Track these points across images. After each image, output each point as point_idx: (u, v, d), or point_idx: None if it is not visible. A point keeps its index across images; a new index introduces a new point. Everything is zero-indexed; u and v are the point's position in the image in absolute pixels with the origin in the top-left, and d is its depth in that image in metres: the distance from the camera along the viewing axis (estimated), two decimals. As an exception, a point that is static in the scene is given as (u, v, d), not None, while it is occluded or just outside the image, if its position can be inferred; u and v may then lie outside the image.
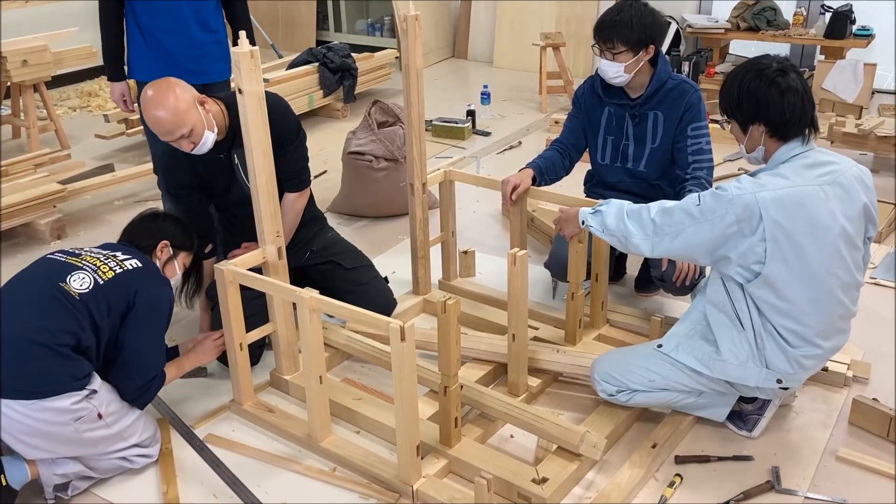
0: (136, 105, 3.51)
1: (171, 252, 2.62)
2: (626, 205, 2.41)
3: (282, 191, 2.87)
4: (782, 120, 2.23)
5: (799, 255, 2.19)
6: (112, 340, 2.35)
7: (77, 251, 2.46)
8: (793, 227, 2.17)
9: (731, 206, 2.18)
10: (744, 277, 2.25)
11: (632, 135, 3.03)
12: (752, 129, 2.28)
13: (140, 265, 2.45)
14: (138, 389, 2.38)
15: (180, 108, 2.61)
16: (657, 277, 3.08)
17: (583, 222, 2.52)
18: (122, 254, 2.47)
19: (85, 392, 2.24)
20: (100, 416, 2.28)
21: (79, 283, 2.32)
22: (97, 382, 2.29)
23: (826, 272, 2.23)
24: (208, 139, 2.71)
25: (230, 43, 3.44)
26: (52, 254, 2.47)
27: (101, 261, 2.41)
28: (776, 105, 2.21)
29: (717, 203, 2.20)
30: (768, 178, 2.23)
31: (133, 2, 3.37)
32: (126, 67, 3.55)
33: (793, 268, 2.20)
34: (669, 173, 3.04)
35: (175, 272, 2.63)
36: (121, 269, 2.40)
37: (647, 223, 2.33)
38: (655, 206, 2.34)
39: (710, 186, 2.95)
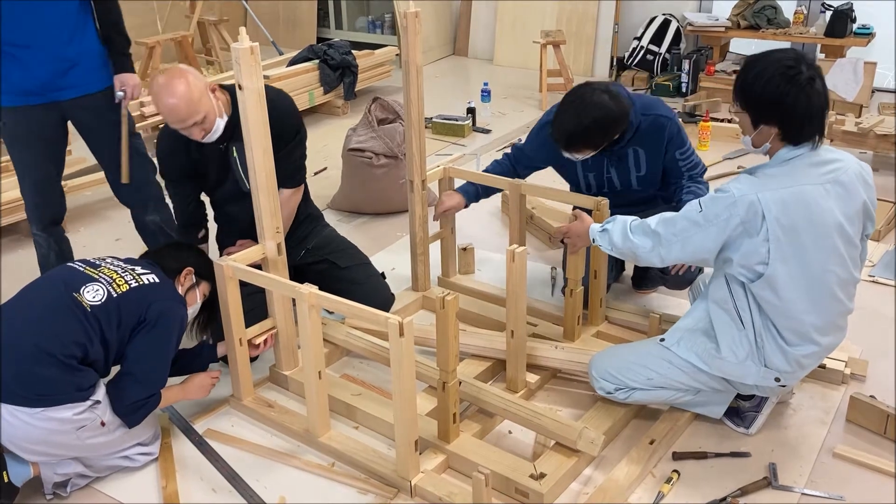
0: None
1: (195, 280, 2.61)
2: (630, 221, 2.42)
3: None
4: (799, 128, 2.20)
5: (798, 253, 2.19)
6: (121, 354, 2.34)
7: (98, 262, 2.47)
8: (794, 225, 2.17)
9: (734, 208, 2.17)
10: (746, 277, 2.24)
11: (614, 171, 2.97)
12: (763, 127, 2.24)
13: (157, 281, 2.43)
14: (133, 405, 2.32)
15: (194, 96, 2.60)
16: (659, 270, 3.09)
17: (593, 240, 2.54)
18: (142, 268, 2.46)
19: (88, 403, 2.24)
20: (102, 423, 2.28)
21: (92, 294, 2.31)
22: (101, 392, 2.29)
23: (824, 270, 2.23)
24: (219, 126, 2.73)
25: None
26: (73, 262, 2.47)
27: (118, 273, 2.40)
28: (799, 114, 2.17)
29: (720, 206, 2.20)
30: (769, 176, 2.22)
31: None
32: None
33: (792, 266, 2.20)
34: (665, 182, 3.03)
35: (195, 300, 2.61)
36: (136, 283, 2.38)
37: (652, 235, 2.34)
38: (656, 219, 2.35)
39: (707, 185, 2.96)
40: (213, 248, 3.17)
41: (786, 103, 2.17)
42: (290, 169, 2.92)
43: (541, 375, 2.78)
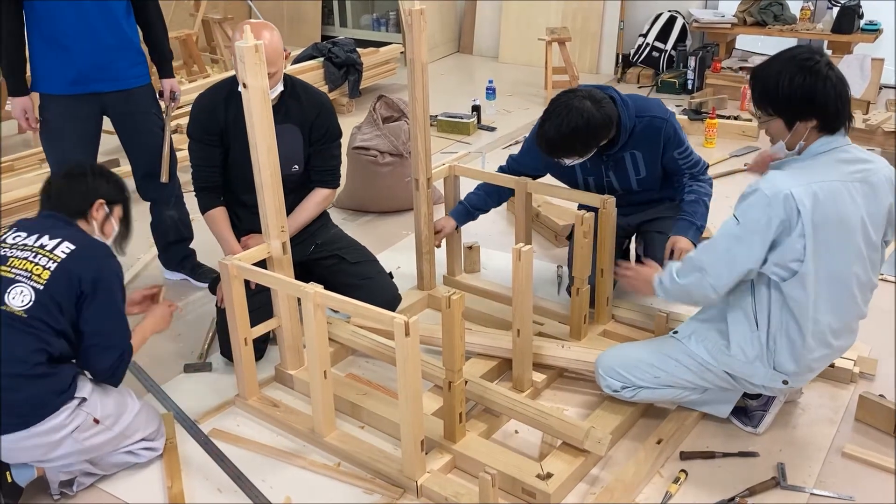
0: (38, 122, 3.18)
1: (107, 210, 2.45)
2: (674, 265, 2.36)
3: (304, 185, 3.05)
4: (836, 114, 2.16)
5: (825, 250, 2.15)
6: (78, 328, 2.26)
7: (3, 253, 2.26)
8: (824, 221, 2.13)
9: (771, 208, 2.11)
10: (780, 276, 2.19)
11: (613, 175, 2.96)
12: (799, 125, 2.18)
13: (73, 247, 2.25)
14: (109, 369, 2.29)
15: (276, 46, 2.77)
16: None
17: (656, 293, 2.46)
18: (50, 238, 2.26)
19: (74, 402, 2.22)
20: (96, 420, 2.27)
21: (19, 300, 2.17)
22: (87, 389, 2.26)
23: (848, 270, 2.20)
24: (276, 92, 2.83)
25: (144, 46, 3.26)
26: None
27: (30, 262, 2.22)
28: (832, 99, 2.14)
29: (757, 211, 2.13)
30: (799, 170, 2.17)
31: (34, 5, 2.99)
32: (30, 79, 3.16)
33: (818, 265, 2.16)
34: (668, 182, 3.01)
35: (112, 228, 2.48)
36: (55, 263, 2.21)
37: (697, 269, 2.27)
38: (697, 250, 2.31)
39: (710, 182, 2.96)
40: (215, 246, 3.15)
41: (817, 94, 2.13)
42: (332, 167, 3.06)
43: (547, 374, 2.77)
